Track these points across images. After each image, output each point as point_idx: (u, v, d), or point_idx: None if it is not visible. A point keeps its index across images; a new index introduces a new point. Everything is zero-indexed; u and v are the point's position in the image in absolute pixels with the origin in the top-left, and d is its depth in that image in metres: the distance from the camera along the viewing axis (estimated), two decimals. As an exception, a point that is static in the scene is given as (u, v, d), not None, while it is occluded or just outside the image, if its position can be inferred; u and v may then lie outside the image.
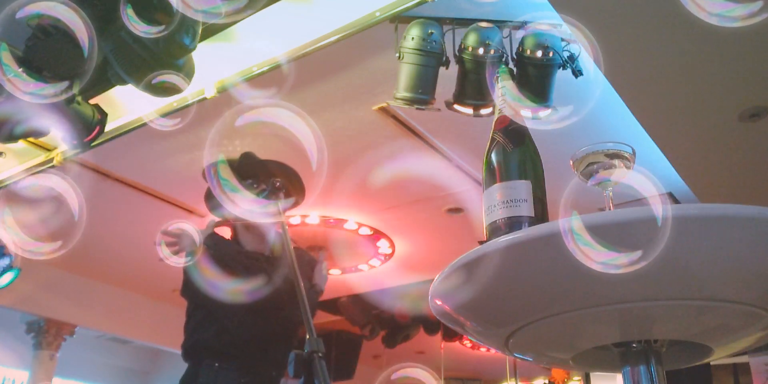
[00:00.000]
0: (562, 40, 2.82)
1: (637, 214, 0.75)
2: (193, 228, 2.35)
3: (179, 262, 2.31)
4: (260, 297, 2.26)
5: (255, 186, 2.39)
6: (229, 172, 2.14)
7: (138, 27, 2.23)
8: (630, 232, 0.76)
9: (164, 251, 2.28)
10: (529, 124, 1.03)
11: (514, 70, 2.81)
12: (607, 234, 0.76)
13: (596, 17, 2.70)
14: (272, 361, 2.44)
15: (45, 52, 2.56)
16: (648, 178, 0.90)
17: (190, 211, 5.02)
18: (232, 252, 2.53)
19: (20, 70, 2.50)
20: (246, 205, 2.37)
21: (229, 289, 2.22)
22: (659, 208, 0.73)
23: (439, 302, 0.96)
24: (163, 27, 2.29)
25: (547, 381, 9.66)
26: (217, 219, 2.49)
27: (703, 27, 1.12)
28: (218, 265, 2.31)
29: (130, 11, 2.21)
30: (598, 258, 0.76)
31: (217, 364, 2.33)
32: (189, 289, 2.44)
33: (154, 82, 2.50)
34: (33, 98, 2.44)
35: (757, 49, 2.84)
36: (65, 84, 2.47)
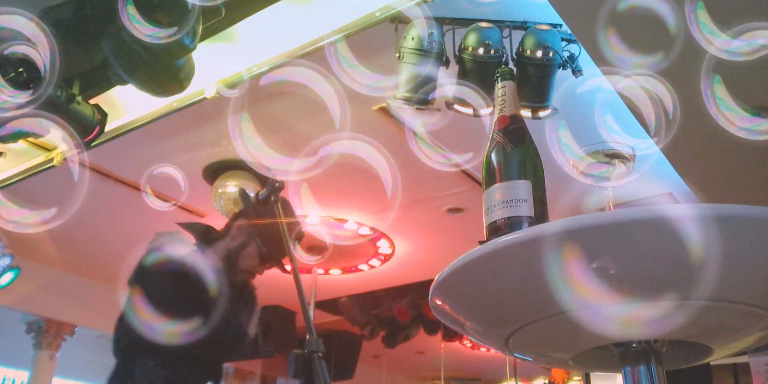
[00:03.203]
0: (562, 40, 2.82)
1: (639, 215, 0.75)
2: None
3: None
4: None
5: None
6: None
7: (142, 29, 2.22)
8: (631, 232, 0.76)
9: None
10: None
11: (514, 70, 2.81)
12: (609, 234, 0.76)
13: (596, 17, 2.70)
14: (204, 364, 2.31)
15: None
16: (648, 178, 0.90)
17: (191, 212, 5.03)
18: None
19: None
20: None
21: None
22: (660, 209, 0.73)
23: (439, 302, 0.96)
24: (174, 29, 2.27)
25: (547, 381, 9.67)
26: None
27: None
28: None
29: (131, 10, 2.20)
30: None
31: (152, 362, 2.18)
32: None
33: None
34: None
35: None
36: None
